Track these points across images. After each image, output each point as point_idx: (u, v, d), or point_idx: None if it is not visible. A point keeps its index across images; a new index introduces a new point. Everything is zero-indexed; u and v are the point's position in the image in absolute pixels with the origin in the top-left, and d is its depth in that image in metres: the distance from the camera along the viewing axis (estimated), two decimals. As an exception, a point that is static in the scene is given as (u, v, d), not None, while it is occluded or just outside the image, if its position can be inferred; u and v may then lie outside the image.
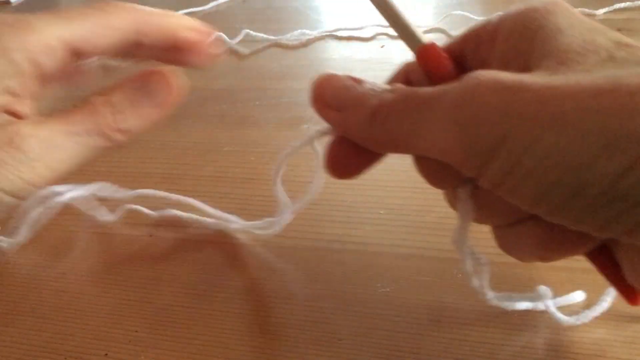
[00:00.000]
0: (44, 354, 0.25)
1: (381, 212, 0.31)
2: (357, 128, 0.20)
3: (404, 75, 0.24)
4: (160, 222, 0.32)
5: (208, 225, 0.31)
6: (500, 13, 0.20)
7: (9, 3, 0.83)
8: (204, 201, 0.33)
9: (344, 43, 0.55)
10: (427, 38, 0.21)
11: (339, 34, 0.57)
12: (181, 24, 0.24)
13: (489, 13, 0.54)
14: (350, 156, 0.22)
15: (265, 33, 0.57)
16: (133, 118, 0.24)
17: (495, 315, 0.24)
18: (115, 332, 0.25)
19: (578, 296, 0.24)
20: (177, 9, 0.67)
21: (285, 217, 0.27)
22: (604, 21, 0.52)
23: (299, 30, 0.57)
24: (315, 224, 0.31)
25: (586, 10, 0.54)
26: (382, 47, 0.53)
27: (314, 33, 0.57)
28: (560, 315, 0.23)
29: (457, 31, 0.53)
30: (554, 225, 0.18)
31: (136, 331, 0.25)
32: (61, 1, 0.85)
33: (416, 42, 0.22)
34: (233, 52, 0.55)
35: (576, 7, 0.54)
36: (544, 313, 0.23)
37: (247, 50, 0.55)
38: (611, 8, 0.54)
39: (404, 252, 0.28)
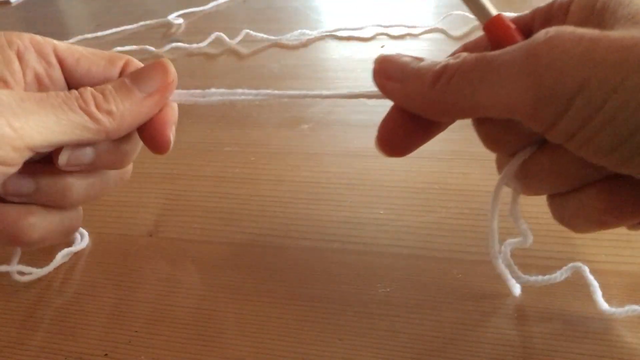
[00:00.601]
0: (43, 354, 0.25)
1: (381, 212, 0.31)
2: (419, 95, 0.20)
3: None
4: (159, 222, 0.32)
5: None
6: None
7: (9, 3, 0.83)
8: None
9: (344, 43, 0.55)
10: (495, 10, 0.22)
11: (339, 34, 0.57)
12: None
13: (489, 13, 0.54)
14: (403, 132, 0.22)
15: (265, 33, 0.57)
16: (120, 101, 0.24)
17: (495, 316, 0.24)
18: (115, 333, 0.25)
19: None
20: (177, 9, 0.67)
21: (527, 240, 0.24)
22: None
23: (299, 30, 0.57)
24: (315, 224, 0.31)
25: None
26: (382, 47, 0.53)
27: (314, 33, 0.57)
28: (600, 300, 0.23)
29: (457, 31, 0.53)
30: (618, 187, 0.18)
31: (136, 331, 0.25)
32: (60, 1, 0.85)
33: (486, 14, 0.22)
34: (233, 52, 0.56)
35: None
36: (548, 314, 0.23)
37: (247, 50, 0.55)
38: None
39: (404, 252, 0.28)
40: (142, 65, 0.26)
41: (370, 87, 0.23)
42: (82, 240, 0.31)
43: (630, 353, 0.22)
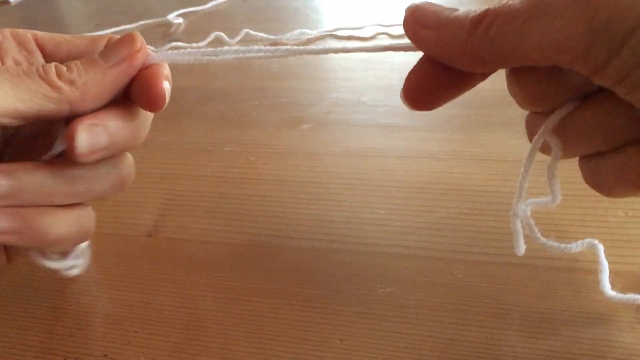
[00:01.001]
0: (43, 355, 0.25)
1: (381, 212, 0.31)
2: (456, 42, 0.19)
3: None
4: (159, 222, 0.32)
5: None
6: None
7: (8, 2, 0.83)
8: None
9: (344, 43, 0.55)
10: None
11: (338, 33, 0.57)
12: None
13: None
14: (432, 84, 0.21)
15: (265, 33, 0.57)
16: (84, 72, 0.23)
17: (495, 316, 0.24)
18: (115, 333, 0.25)
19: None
20: (176, 9, 0.67)
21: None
22: None
23: (299, 30, 0.57)
24: (315, 224, 0.31)
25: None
26: (382, 46, 0.53)
27: (314, 33, 0.57)
28: (606, 281, 0.23)
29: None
30: None
31: (135, 332, 0.25)
32: (59, 1, 0.85)
33: None
34: (233, 51, 0.55)
35: None
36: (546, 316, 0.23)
37: (247, 50, 0.55)
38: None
39: (404, 252, 0.28)
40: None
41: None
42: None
43: (628, 353, 0.22)
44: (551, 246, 0.22)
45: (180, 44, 0.57)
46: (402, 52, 0.22)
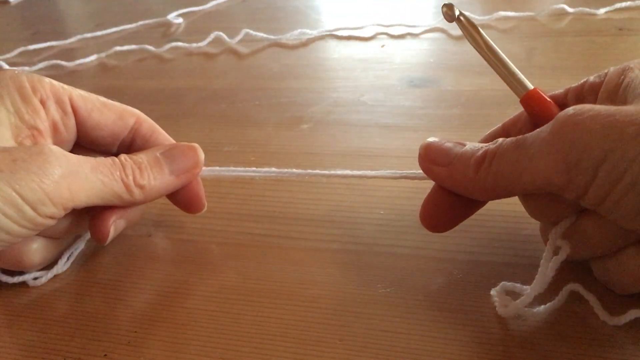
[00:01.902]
0: (43, 355, 0.25)
1: (381, 212, 0.31)
2: (464, 178, 0.23)
3: (503, 132, 0.27)
4: (159, 222, 0.32)
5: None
6: (611, 68, 0.23)
7: (8, 2, 0.83)
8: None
9: (344, 43, 0.55)
10: (530, 85, 0.25)
11: (339, 33, 0.57)
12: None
13: (489, 13, 0.54)
14: (446, 210, 0.25)
15: (265, 32, 0.57)
16: (152, 178, 0.26)
17: (495, 316, 0.24)
18: (115, 333, 0.25)
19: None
20: (176, 8, 0.67)
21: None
22: (604, 20, 0.52)
23: (299, 30, 0.57)
24: (315, 224, 0.31)
25: (587, 10, 0.54)
26: (382, 46, 0.53)
27: (314, 32, 0.57)
28: (602, 311, 0.23)
29: (457, 31, 0.53)
30: None
31: (135, 332, 0.25)
32: (59, 0, 0.85)
33: (523, 88, 0.25)
34: (233, 51, 0.55)
35: (577, 6, 0.54)
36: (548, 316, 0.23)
37: (247, 50, 0.55)
38: (612, 7, 0.54)
39: (404, 252, 0.28)
40: (154, 124, 0.29)
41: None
42: (84, 237, 0.31)
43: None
44: (538, 312, 0.23)
45: (180, 44, 0.57)
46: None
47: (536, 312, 0.23)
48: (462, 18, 0.26)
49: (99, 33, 0.63)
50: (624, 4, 0.54)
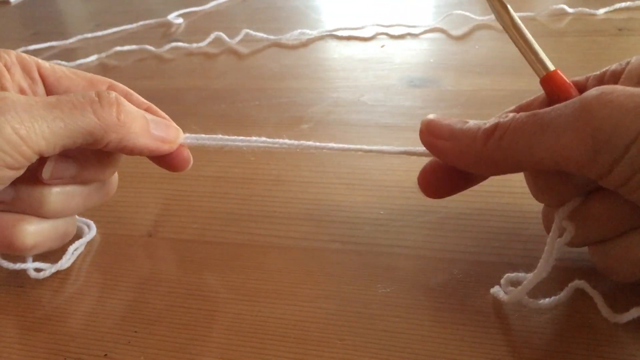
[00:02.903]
0: (43, 355, 0.25)
1: (381, 212, 0.31)
2: (470, 151, 0.22)
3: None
4: (160, 222, 0.32)
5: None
6: (634, 57, 0.23)
7: (8, 2, 0.83)
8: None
9: (344, 43, 0.55)
10: (553, 66, 0.24)
11: (339, 33, 0.57)
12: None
13: (488, 13, 0.54)
14: (444, 181, 0.25)
15: (265, 33, 0.57)
16: (132, 118, 0.25)
17: (495, 316, 0.24)
18: (115, 333, 0.25)
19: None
20: (177, 9, 0.67)
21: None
22: (604, 21, 0.52)
23: (299, 30, 0.57)
24: (315, 224, 0.31)
25: (587, 10, 0.54)
26: (382, 47, 0.53)
27: (314, 33, 0.57)
28: (605, 308, 0.23)
29: (457, 31, 0.53)
30: None
31: (136, 332, 0.25)
32: (59, 1, 0.85)
33: (544, 68, 0.24)
34: (233, 51, 0.55)
35: (577, 7, 0.54)
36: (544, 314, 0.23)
37: (247, 50, 0.55)
38: (611, 8, 0.54)
39: (403, 252, 0.28)
40: (127, 88, 0.28)
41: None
42: (90, 231, 0.31)
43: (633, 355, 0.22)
44: (542, 304, 0.23)
45: (180, 44, 0.57)
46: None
47: (538, 309, 0.23)
48: None
49: (99, 33, 0.63)
50: (623, 4, 0.54)
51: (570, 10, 0.54)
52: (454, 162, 0.23)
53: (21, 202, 0.25)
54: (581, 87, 0.24)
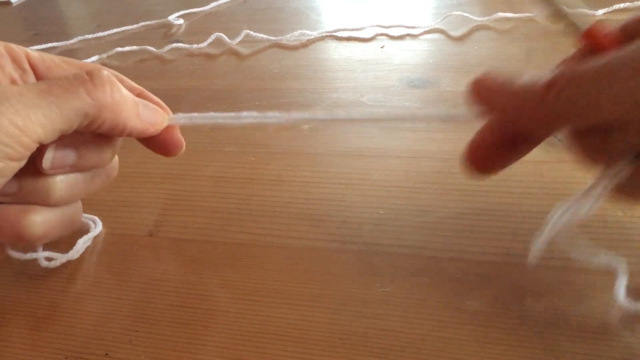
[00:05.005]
0: (43, 354, 0.25)
1: (381, 212, 0.31)
2: (529, 105, 0.21)
3: None
4: (160, 221, 0.32)
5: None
6: None
7: (9, 3, 0.83)
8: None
9: (344, 43, 0.55)
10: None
11: (339, 34, 0.57)
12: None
13: (488, 13, 0.54)
14: (495, 151, 0.23)
15: (265, 33, 0.57)
16: (121, 90, 0.24)
17: (495, 316, 0.24)
18: (116, 332, 0.25)
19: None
20: (177, 10, 0.67)
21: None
22: (604, 22, 0.52)
23: (299, 31, 0.57)
24: (315, 224, 0.31)
25: (586, 10, 0.54)
26: (382, 47, 0.53)
27: (314, 33, 0.57)
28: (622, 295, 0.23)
29: (457, 31, 0.53)
30: None
31: (136, 331, 0.25)
32: (60, 1, 0.85)
33: (582, 23, 0.24)
34: (233, 52, 0.56)
35: (576, 7, 0.54)
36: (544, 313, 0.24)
37: (247, 51, 0.55)
38: (610, 9, 0.54)
39: (403, 252, 0.28)
40: (119, 74, 0.27)
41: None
42: (97, 226, 0.32)
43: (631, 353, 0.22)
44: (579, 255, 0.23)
45: (180, 45, 0.57)
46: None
47: (538, 309, 0.23)
48: None
49: (100, 34, 0.64)
50: (622, 5, 0.54)
51: (569, 11, 0.54)
52: (510, 117, 0.22)
53: (26, 193, 0.25)
54: (618, 37, 0.23)
